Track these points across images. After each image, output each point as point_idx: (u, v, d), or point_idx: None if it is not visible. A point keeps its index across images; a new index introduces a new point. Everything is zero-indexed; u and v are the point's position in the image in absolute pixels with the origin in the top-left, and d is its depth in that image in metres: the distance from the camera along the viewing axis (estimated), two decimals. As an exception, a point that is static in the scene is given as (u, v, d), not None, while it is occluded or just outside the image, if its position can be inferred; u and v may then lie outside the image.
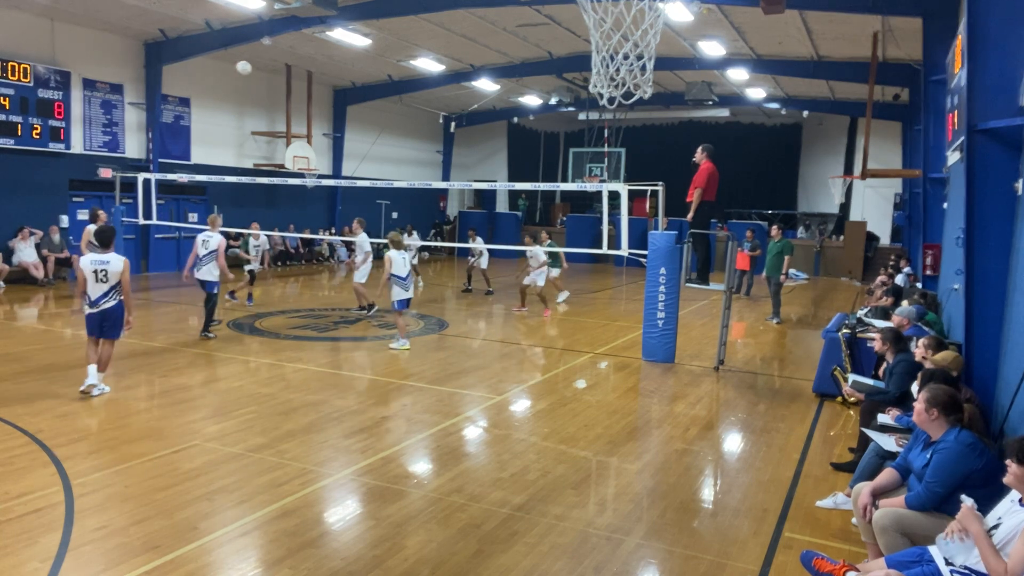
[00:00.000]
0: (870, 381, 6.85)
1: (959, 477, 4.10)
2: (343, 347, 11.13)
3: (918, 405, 4.36)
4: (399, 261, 10.69)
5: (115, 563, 4.39)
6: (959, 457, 4.11)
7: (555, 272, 15.61)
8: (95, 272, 7.83)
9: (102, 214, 13.88)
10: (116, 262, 7.89)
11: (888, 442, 5.20)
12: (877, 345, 6.95)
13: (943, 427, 4.26)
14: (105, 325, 7.94)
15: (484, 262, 17.98)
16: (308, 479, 5.82)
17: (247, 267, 14.74)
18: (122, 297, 7.93)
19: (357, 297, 14.15)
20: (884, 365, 7.39)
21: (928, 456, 4.27)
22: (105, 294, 7.87)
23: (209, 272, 11.25)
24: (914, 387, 6.23)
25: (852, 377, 7.06)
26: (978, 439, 4.21)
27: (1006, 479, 3.58)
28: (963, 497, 3.67)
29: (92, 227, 12.97)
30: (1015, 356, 6.07)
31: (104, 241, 8.03)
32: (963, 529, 3.55)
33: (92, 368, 7.90)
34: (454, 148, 32.35)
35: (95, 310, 7.88)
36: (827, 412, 8.40)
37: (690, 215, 10.56)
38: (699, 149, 10.68)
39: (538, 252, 14.90)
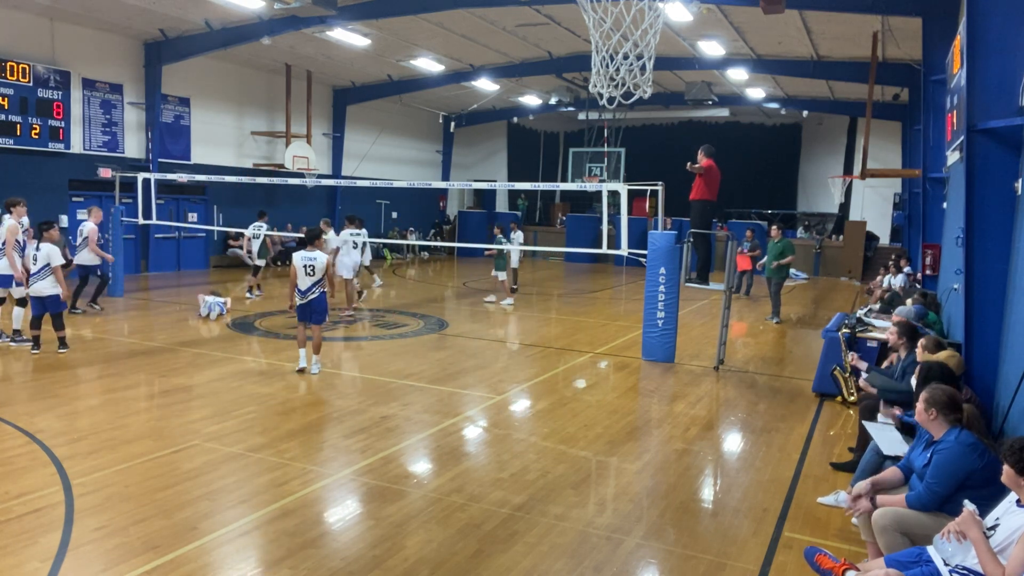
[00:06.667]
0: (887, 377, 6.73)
1: (959, 477, 4.09)
2: (343, 347, 11.13)
3: (919, 405, 4.36)
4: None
5: (115, 563, 4.39)
6: (959, 458, 4.11)
7: (502, 275, 15.88)
8: (304, 267, 8.96)
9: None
10: (321, 258, 9.05)
11: (885, 441, 5.20)
12: (892, 339, 6.90)
13: (943, 427, 4.26)
14: (313, 312, 9.08)
15: (515, 261, 17.95)
16: (308, 479, 5.83)
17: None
18: (325, 289, 9.13)
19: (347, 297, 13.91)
20: (887, 364, 7.40)
21: (928, 456, 4.27)
22: (312, 286, 9.00)
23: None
24: (912, 380, 6.22)
25: (866, 371, 6.93)
26: (979, 440, 4.21)
27: (1002, 479, 3.58)
28: (965, 502, 3.67)
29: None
30: (1015, 356, 6.07)
31: (310, 238, 9.21)
32: (961, 532, 3.56)
33: (303, 351, 9.24)
34: (454, 148, 32.35)
35: (304, 301, 9.03)
36: (827, 412, 8.40)
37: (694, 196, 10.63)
38: (700, 151, 10.74)
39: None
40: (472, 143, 33.52)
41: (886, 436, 5.33)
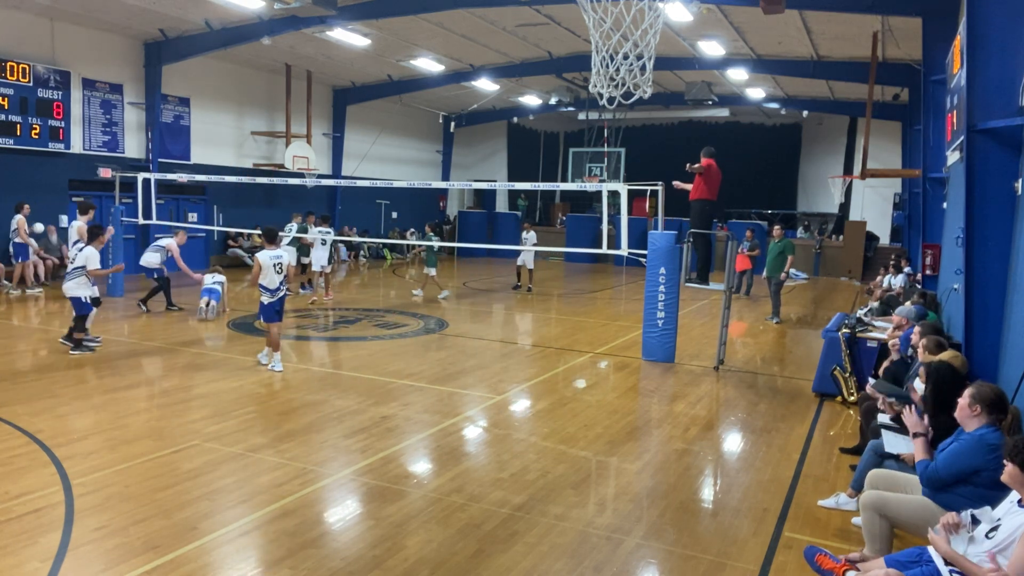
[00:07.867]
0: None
1: (965, 470, 4.15)
2: (343, 347, 11.13)
3: (962, 400, 4.34)
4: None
5: (115, 563, 4.39)
6: (972, 452, 4.15)
7: (431, 271, 16.75)
8: (274, 265, 9.00)
9: None
10: (287, 256, 9.27)
11: (891, 440, 5.19)
12: (914, 338, 6.86)
13: (980, 423, 4.26)
14: (278, 312, 9.13)
15: (531, 261, 18.27)
16: (308, 479, 5.82)
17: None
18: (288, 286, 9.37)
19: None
20: (885, 365, 7.40)
21: (951, 442, 4.36)
22: (280, 284, 9.09)
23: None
24: (918, 383, 6.19)
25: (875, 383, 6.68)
26: (1003, 445, 4.21)
27: (1003, 478, 3.58)
28: (945, 520, 3.71)
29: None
30: (1015, 356, 6.07)
31: (271, 238, 9.36)
32: (952, 526, 3.62)
33: (277, 354, 9.14)
34: (454, 148, 32.35)
35: (275, 299, 9.03)
36: (827, 412, 8.40)
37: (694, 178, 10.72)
38: (701, 154, 10.77)
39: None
40: (472, 143, 33.51)
41: (893, 436, 5.33)
